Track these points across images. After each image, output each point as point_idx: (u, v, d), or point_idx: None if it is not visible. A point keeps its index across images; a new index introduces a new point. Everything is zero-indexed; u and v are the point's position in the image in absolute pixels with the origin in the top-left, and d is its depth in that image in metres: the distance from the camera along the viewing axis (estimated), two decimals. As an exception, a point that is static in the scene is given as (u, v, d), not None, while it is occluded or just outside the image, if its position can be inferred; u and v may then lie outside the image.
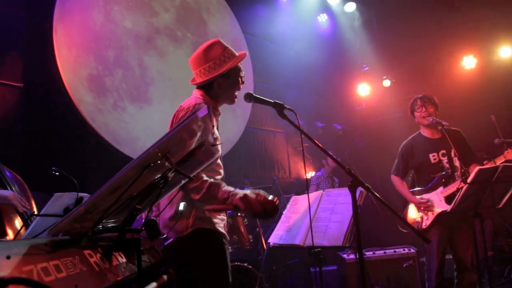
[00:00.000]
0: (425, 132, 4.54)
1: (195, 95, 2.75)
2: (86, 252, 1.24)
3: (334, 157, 2.70)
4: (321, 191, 3.52)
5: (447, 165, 4.37)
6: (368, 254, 5.43)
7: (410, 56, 7.92)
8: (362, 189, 2.83)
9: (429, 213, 4.25)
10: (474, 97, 7.15)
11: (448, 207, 4.11)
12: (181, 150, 1.43)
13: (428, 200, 4.30)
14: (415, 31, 7.71)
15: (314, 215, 3.31)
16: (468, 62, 7.65)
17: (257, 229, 5.27)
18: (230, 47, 2.80)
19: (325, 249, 3.15)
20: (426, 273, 4.24)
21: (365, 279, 2.54)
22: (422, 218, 4.34)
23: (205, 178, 2.40)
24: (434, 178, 4.37)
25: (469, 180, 3.49)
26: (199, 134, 1.48)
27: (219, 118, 2.86)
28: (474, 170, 3.49)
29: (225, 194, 2.38)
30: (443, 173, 4.36)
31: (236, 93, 2.82)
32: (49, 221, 2.41)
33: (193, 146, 1.49)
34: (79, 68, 5.12)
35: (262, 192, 2.39)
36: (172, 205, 2.53)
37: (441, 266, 4.14)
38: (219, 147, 2.40)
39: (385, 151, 7.52)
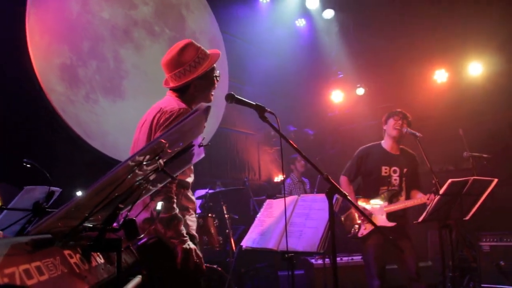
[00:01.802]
0: (386, 145, 4.57)
1: (171, 97, 2.69)
2: (66, 252, 1.17)
3: (312, 162, 2.68)
4: (296, 196, 3.50)
5: (395, 182, 4.43)
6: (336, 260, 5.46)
7: (385, 66, 8.05)
8: (338, 196, 2.83)
9: (368, 224, 4.28)
10: (444, 110, 7.31)
11: (387, 224, 4.20)
12: (172, 149, 1.39)
13: (371, 213, 4.34)
14: (390, 42, 7.84)
15: (288, 220, 3.29)
16: (440, 76, 7.82)
17: (227, 230, 5.23)
18: (202, 47, 2.76)
19: (298, 254, 3.14)
20: (369, 284, 4.26)
21: (338, 285, 2.55)
22: (359, 226, 4.38)
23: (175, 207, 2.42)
24: (380, 190, 4.41)
25: (441, 191, 3.55)
26: (194, 134, 1.44)
27: None
28: (447, 182, 3.55)
29: (177, 233, 2.41)
30: (391, 188, 4.42)
31: (212, 92, 2.79)
32: (17, 215, 2.31)
33: (183, 146, 1.45)
34: (51, 57, 4.95)
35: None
36: (146, 207, 2.46)
37: (382, 277, 4.17)
38: None
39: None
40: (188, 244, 2.42)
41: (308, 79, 8.90)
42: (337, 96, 8.93)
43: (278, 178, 8.49)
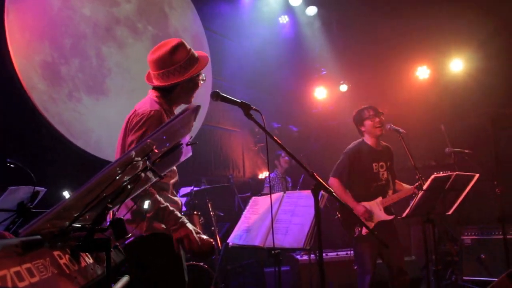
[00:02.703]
0: (370, 141, 4.61)
1: (151, 97, 2.67)
2: (55, 253, 1.17)
3: (297, 159, 2.70)
4: (282, 192, 3.52)
5: (383, 177, 4.50)
6: (321, 255, 5.51)
7: (368, 62, 8.12)
8: (323, 192, 2.86)
9: (369, 222, 4.33)
10: (426, 106, 7.40)
11: (387, 217, 4.26)
12: (160, 149, 1.40)
13: (370, 211, 4.39)
14: (373, 39, 7.92)
15: (274, 217, 3.31)
16: (422, 72, 7.92)
17: (212, 228, 5.23)
18: (192, 49, 2.75)
19: (285, 250, 3.16)
20: (359, 281, 4.30)
21: (324, 281, 2.58)
22: (361, 226, 4.41)
23: (158, 198, 2.43)
24: (373, 187, 4.46)
25: (425, 186, 3.61)
26: (182, 134, 1.45)
27: None
28: (430, 177, 3.61)
29: (175, 220, 2.45)
30: (380, 183, 4.48)
31: (194, 95, 2.80)
32: (2, 216, 2.28)
33: (171, 145, 1.46)
34: (32, 54, 4.88)
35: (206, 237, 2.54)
36: (127, 208, 2.45)
37: (373, 272, 4.24)
38: None
39: (339, 154, 7.68)
40: (186, 227, 2.46)
41: (291, 76, 8.93)
42: (320, 93, 8.98)
43: (263, 174, 8.51)
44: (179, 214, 2.49)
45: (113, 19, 5.86)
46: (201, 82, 2.79)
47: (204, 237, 2.52)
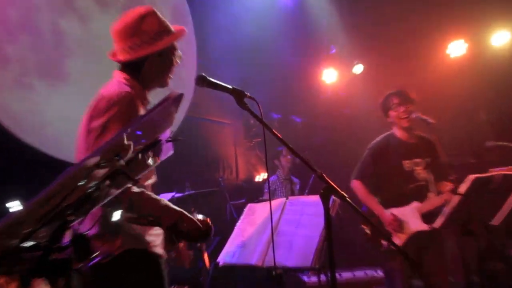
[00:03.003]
0: (399, 134, 4.64)
1: (118, 79, 2.67)
2: (0, 280, 1.14)
3: (302, 157, 2.68)
4: (284, 198, 3.52)
5: (419, 176, 4.49)
6: (334, 276, 5.50)
7: (388, 38, 8.08)
8: (334, 197, 2.85)
9: (400, 233, 4.32)
10: (462, 90, 7.36)
11: (425, 227, 4.24)
12: (135, 146, 1.38)
13: (402, 220, 4.37)
14: (395, 8, 7.88)
15: (275, 228, 3.30)
16: (457, 48, 7.86)
17: (198, 244, 5.22)
18: (166, 20, 2.77)
19: (288, 270, 3.17)
20: None
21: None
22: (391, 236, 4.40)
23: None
24: (406, 190, 4.46)
25: (462, 190, 3.59)
26: (161, 128, 1.43)
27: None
28: (469, 178, 3.60)
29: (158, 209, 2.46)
30: (418, 184, 4.47)
31: (171, 76, 2.81)
32: None
33: (148, 142, 1.44)
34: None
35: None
36: (93, 220, 2.43)
37: None
38: None
39: (354, 150, 7.66)
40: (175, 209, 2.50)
41: (294, 55, 8.91)
42: (329, 76, 8.96)
43: (260, 177, 8.51)
44: (159, 198, 2.49)
45: (73, -14, 5.83)
46: (178, 60, 2.80)
47: (199, 216, 2.61)
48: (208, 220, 2.62)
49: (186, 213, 2.52)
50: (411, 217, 4.36)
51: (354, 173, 4.68)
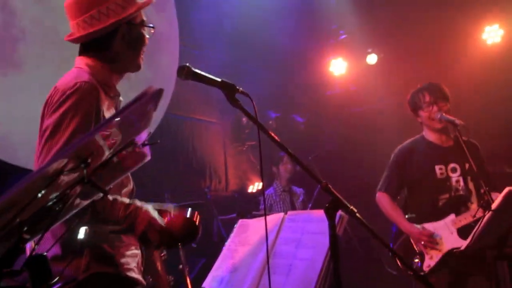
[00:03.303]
0: (432, 137, 4.69)
1: (78, 66, 2.66)
2: None
3: (304, 164, 2.70)
4: (282, 213, 3.53)
5: (458, 185, 4.53)
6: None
7: (407, 22, 8.11)
8: (342, 213, 2.87)
9: (434, 251, 4.35)
10: (496, 85, 7.38)
11: (463, 243, 4.23)
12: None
13: (433, 233, 4.40)
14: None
15: (271, 249, 3.31)
16: (491, 34, 7.87)
17: (181, 266, 5.23)
18: None
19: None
20: None
21: None
22: (422, 255, 4.43)
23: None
24: (440, 201, 4.50)
25: (494, 206, 3.61)
26: (137, 129, 1.44)
27: (121, 101, 2.79)
28: (503, 192, 3.62)
29: (122, 212, 2.45)
30: (456, 194, 4.49)
31: (142, 56, 2.79)
32: None
33: (122, 145, 1.45)
34: None
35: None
36: (54, 238, 2.44)
37: None
38: None
39: (368, 156, 7.68)
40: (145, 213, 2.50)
41: (296, 42, 8.92)
42: (338, 67, 9.00)
43: (254, 187, 8.51)
44: (127, 201, 2.49)
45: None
46: (146, 34, 2.78)
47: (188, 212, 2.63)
48: (195, 218, 2.65)
49: (156, 218, 2.51)
50: (445, 232, 4.39)
51: (379, 185, 4.75)
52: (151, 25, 2.80)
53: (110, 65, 2.68)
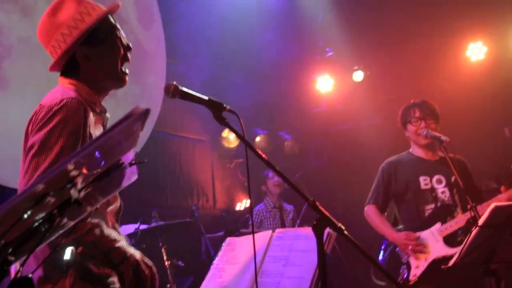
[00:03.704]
0: (418, 152, 4.75)
1: (62, 85, 2.65)
2: None
3: (292, 181, 2.70)
4: (270, 231, 3.52)
5: (444, 196, 4.55)
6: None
7: (394, 39, 8.16)
8: (330, 230, 2.86)
9: (420, 260, 4.35)
10: (481, 102, 7.43)
11: (449, 251, 4.26)
12: (92, 171, 1.38)
13: (419, 236, 4.42)
14: (402, 6, 7.94)
15: (259, 268, 3.30)
16: (475, 51, 7.94)
17: (168, 285, 5.21)
18: (90, 1, 2.71)
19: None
20: None
21: None
22: (408, 265, 4.43)
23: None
24: (426, 211, 4.52)
25: (481, 221, 3.61)
26: (124, 149, 1.43)
27: (108, 117, 2.78)
28: (489, 207, 3.62)
29: (111, 244, 2.45)
30: (441, 204, 4.51)
31: (123, 67, 2.76)
32: None
33: (108, 164, 1.44)
34: None
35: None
36: (39, 260, 2.41)
37: None
38: None
39: (355, 173, 7.69)
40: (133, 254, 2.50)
41: (282, 60, 8.95)
42: (325, 84, 9.01)
43: (242, 205, 8.49)
44: (114, 236, 2.48)
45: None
46: (123, 41, 2.75)
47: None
48: (147, 273, 2.59)
49: (141, 263, 2.53)
50: (432, 240, 4.40)
51: (368, 198, 4.79)
52: (122, 33, 2.77)
53: (89, 84, 2.66)
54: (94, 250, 2.42)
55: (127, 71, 2.77)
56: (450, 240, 4.38)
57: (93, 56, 2.66)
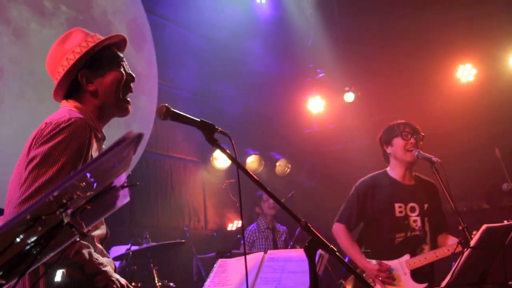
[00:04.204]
0: (394, 173, 4.69)
1: (67, 107, 2.67)
2: None
3: (283, 203, 2.70)
4: (261, 252, 3.50)
5: (415, 225, 4.54)
6: None
7: (385, 60, 8.20)
8: (322, 252, 2.85)
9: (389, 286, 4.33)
10: (471, 123, 7.46)
11: (417, 286, 4.25)
12: (84, 194, 1.37)
13: (390, 267, 4.39)
14: (392, 26, 8.00)
15: (251, 290, 3.28)
16: (465, 73, 8.00)
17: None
18: (98, 35, 2.78)
19: None
20: None
21: None
22: None
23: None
24: (397, 240, 4.49)
25: (472, 242, 3.61)
26: (116, 172, 1.43)
27: (103, 148, 2.78)
28: (481, 229, 3.62)
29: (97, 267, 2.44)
30: (412, 234, 4.50)
31: (127, 97, 2.79)
32: None
33: (101, 187, 1.43)
34: None
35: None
36: (30, 282, 2.39)
37: None
38: None
39: (346, 193, 7.66)
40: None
41: (273, 81, 8.98)
42: (316, 105, 9.03)
43: (233, 225, 8.46)
44: (101, 260, 2.49)
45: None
46: (125, 69, 2.79)
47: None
48: None
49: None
50: (400, 272, 4.38)
51: (337, 215, 4.71)
52: (126, 65, 2.81)
53: (91, 109, 2.69)
54: (80, 273, 2.39)
55: (129, 99, 2.79)
56: (417, 274, 4.36)
57: (95, 80, 2.69)
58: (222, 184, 8.52)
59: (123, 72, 2.77)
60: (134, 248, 5.38)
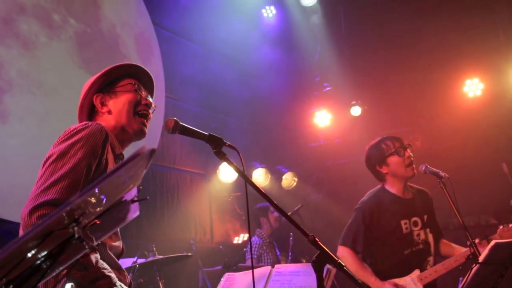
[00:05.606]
0: (394, 189, 4.63)
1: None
2: None
3: (289, 216, 2.70)
4: (269, 267, 3.50)
5: (418, 239, 4.51)
6: None
7: (391, 75, 8.20)
8: (329, 266, 2.85)
9: None
10: (479, 138, 7.44)
11: None
12: (96, 208, 1.38)
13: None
14: (399, 40, 8.01)
15: (258, 304, 3.28)
16: (472, 87, 8.00)
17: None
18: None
19: None
20: None
21: None
22: None
23: None
24: (404, 256, 4.45)
25: (481, 258, 3.59)
26: (128, 186, 1.44)
27: None
28: (490, 244, 3.60)
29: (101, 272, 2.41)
30: (416, 248, 4.47)
31: (141, 120, 2.85)
32: None
33: (112, 202, 1.44)
34: None
35: None
36: None
37: None
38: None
39: (353, 207, 7.64)
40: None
41: (280, 95, 8.98)
42: (322, 119, 9.03)
43: (240, 238, 8.43)
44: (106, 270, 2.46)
45: (15, 6, 5.84)
46: (143, 95, 2.88)
47: None
48: None
49: None
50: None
51: (341, 239, 4.59)
52: (135, 82, 2.92)
53: (112, 129, 2.76)
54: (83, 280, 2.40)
55: (146, 123, 2.86)
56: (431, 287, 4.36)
57: (109, 103, 2.80)
58: (228, 197, 8.51)
59: (138, 98, 2.86)
60: (140, 261, 5.36)
